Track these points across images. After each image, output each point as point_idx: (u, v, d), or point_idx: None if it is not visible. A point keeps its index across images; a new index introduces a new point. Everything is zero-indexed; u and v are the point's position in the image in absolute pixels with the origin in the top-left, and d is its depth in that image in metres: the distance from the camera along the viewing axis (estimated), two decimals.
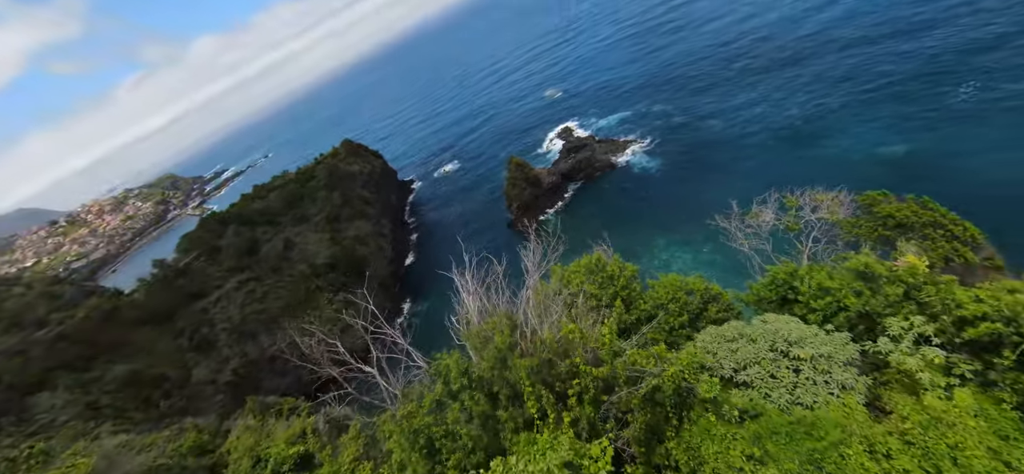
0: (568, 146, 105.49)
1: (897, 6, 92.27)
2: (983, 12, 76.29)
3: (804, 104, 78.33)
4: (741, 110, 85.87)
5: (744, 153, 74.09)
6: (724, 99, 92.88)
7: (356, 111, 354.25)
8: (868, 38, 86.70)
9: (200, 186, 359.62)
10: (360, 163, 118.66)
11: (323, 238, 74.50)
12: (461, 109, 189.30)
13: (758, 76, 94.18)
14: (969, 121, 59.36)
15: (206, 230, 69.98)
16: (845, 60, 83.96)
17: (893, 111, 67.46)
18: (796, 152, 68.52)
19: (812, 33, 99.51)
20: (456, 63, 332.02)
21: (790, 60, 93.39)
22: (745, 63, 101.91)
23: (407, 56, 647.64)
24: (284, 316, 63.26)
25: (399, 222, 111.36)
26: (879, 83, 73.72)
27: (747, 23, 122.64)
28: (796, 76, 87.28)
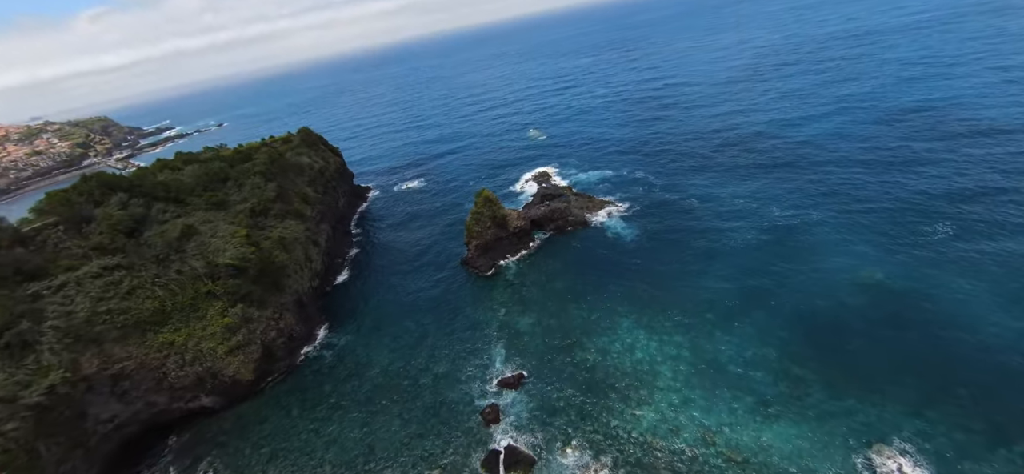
0: (543, 192, 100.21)
1: (884, 137, 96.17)
2: (967, 162, 79.54)
3: (787, 209, 77.18)
4: (723, 199, 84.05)
5: (722, 245, 70.84)
6: (708, 184, 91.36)
7: (328, 104, 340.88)
8: (854, 160, 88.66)
9: (135, 138, 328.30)
10: (313, 156, 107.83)
11: (237, 234, 62.81)
12: (439, 128, 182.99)
13: (744, 170, 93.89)
14: (943, 264, 58.70)
15: (80, 192, 56.76)
16: (831, 175, 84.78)
17: (872, 236, 66.70)
18: (775, 256, 65.72)
19: (802, 141, 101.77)
20: (444, 83, 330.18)
21: (778, 162, 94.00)
22: (733, 154, 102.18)
23: (395, 64, 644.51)
24: (154, 324, 50.68)
25: (342, 231, 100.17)
26: (861, 206, 73.70)
27: (739, 117, 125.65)
28: (782, 179, 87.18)
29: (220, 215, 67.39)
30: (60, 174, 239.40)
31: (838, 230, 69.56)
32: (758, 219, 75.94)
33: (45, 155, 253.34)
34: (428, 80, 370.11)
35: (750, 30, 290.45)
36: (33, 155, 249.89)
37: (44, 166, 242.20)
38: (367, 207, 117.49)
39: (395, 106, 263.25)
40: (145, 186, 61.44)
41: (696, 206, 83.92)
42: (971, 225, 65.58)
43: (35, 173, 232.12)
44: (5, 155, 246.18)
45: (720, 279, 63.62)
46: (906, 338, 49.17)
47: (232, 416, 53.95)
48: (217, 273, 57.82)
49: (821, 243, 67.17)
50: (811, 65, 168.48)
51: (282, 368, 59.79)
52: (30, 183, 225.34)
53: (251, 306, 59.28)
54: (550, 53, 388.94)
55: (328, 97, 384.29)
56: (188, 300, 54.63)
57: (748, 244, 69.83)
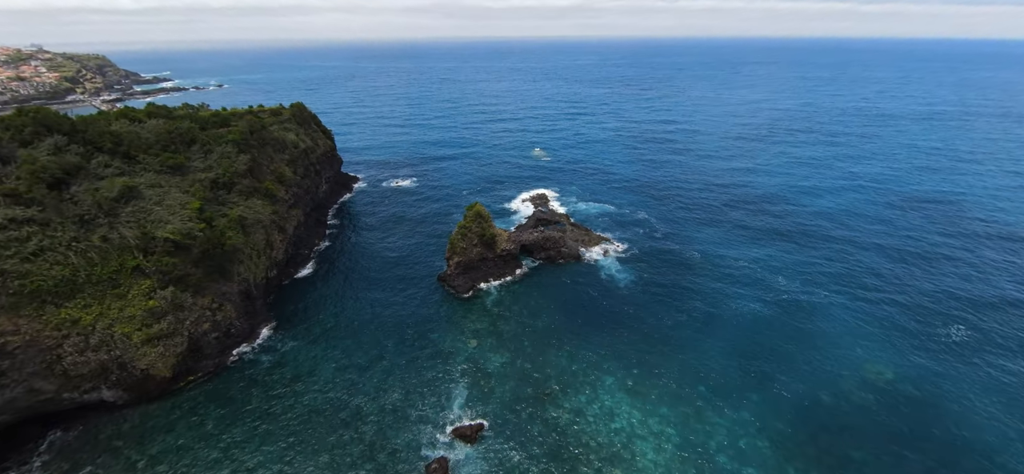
0: (538, 216, 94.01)
1: (900, 222, 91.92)
2: (985, 265, 75.09)
3: (795, 282, 71.72)
4: (728, 260, 78.47)
5: (722, 310, 64.83)
6: (713, 240, 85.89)
7: (336, 86, 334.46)
8: (869, 243, 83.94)
9: (129, 83, 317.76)
10: (300, 134, 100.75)
11: (188, 205, 55.35)
12: (443, 131, 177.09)
13: (752, 232, 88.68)
14: (961, 377, 53.32)
15: (7, 127, 48.71)
16: (843, 255, 79.78)
17: (884, 328, 61.34)
18: (778, 335, 59.77)
19: (814, 212, 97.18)
20: (456, 86, 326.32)
21: (788, 230, 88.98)
22: (741, 214, 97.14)
23: (410, 59, 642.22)
24: (58, 295, 42.74)
25: (316, 220, 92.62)
26: (874, 294, 68.50)
27: (750, 176, 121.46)
28: (791, 249, 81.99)
29: (174, 181, 59.84)
30: (41, 103, 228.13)
31: (848, 316, 64.08)
32: (763, 289, 70.22)
33: (28, 83, 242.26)
34: (441, 80, 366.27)
35: (765, 92, 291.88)
36: (15, 81, 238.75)
37: (24, 94, 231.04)
38: (350, 198, 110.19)
39: (402, 100, 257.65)
40: (90, 133, 53.88)
41: (698, 262, 78.15)
42: (990, 336, 60.54)
43: (12, 99, 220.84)
44: None
45: (717, 350, 57.39)
46: (918, 461, 43.14)
47: (135, 417, 45.75)
48: (152, 247, 50.12)
49: (829, 327, 61.47)
50: (824, 136, 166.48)
51: (209, 367, 51.78)
52: (4, 109, 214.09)
53: (185, 291, 51.49)
54: (567, 77, 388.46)
55: (337, 79, 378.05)
56: (108, 273, 46.75)
57: (750, 315, 63.86)
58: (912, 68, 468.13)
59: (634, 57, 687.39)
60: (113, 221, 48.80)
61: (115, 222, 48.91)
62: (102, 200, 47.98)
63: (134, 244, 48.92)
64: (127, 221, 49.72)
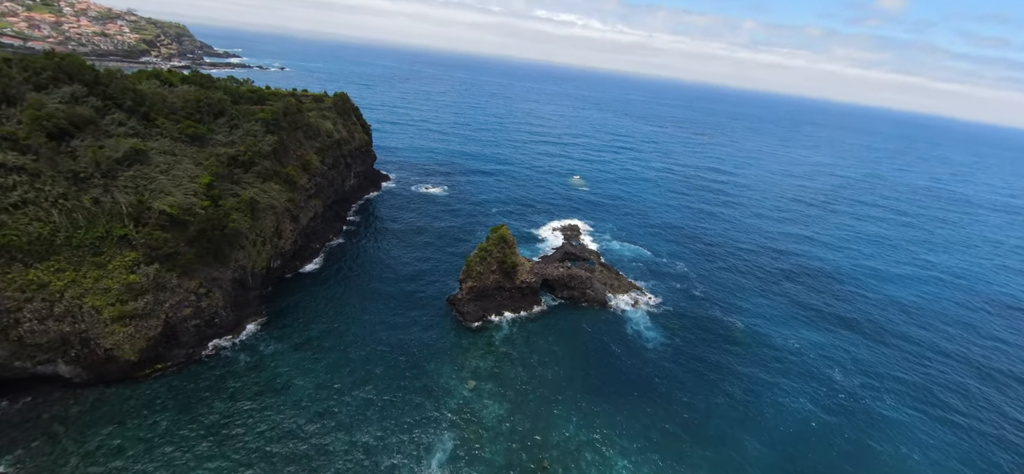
0: (567, 249, 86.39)
1: (987, 330, 78.10)
2: None
3: (855, 381, 60.49)
4: (776, 341, 67.95)
5: (766, 403, 54.64)
6: (760, 313, 75.39)
7: (389, 84, 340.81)
8: (948, 351, 71.07)
9: (201, 54, 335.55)
10: (338, 124, 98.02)
11: (196, 179, 51.64)
12: (484, 144, 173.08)
13: (806, 312, 77.44)
14: None
15: (25, 68, 46.11)
16: (920, 360, 67.52)
17: (967, 464, 49.61)
18: (830, 447, 49.09)
19: (882, 301, 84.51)
20: (504, 102, 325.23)
21: (849, 317, 77.12)
22: (795, 287, 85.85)
23: (465, 70, 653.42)
24: (30, 254, 38.94)
25: (336, 214, 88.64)
26: (959, 419, 56.40)
27: (807, 245, 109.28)
28: (852, 341, 70.39)
29: (190, 151, 56.51)
30: (116, 62, 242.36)
31: (920, 436, 52.57)
32: (817, 383, 59.43)
33: (111, 40, 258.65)
34: (490, 94, 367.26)
35: (826, 155, 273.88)
36: (99, 36, 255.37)
37: (104, 49, 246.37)
38: (377, 197, 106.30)
39: (450, 108, 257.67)
40: (112, 88, 51.34)
41: (741, 335, 68.05)
42: None
43: (93, 53, 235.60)
44: (75, 26, 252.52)
45: (757, 454, 47.47)
46: None
47: (88, 399, 41.05)
48: (146, 217, 46.13)
49: (898, 452, 50.23)
50: (892, 213, 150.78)
51: (180, 357, 46.88)
52: None
53: (172, 270, 47.10)
54: (617, 110, 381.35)
55: (392, 79, 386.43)
56: (91, 238, 42.85)
57: (800, 416, 53.40)
58: (986, 153, 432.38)
59: (687, 100, 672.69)
60: (109, 183, 45.20)
61: (111, 185, 45.30)
62: (102, 159, 44.52)
63: (127, 211, 45.04)
64: (125, 186, 46.05)
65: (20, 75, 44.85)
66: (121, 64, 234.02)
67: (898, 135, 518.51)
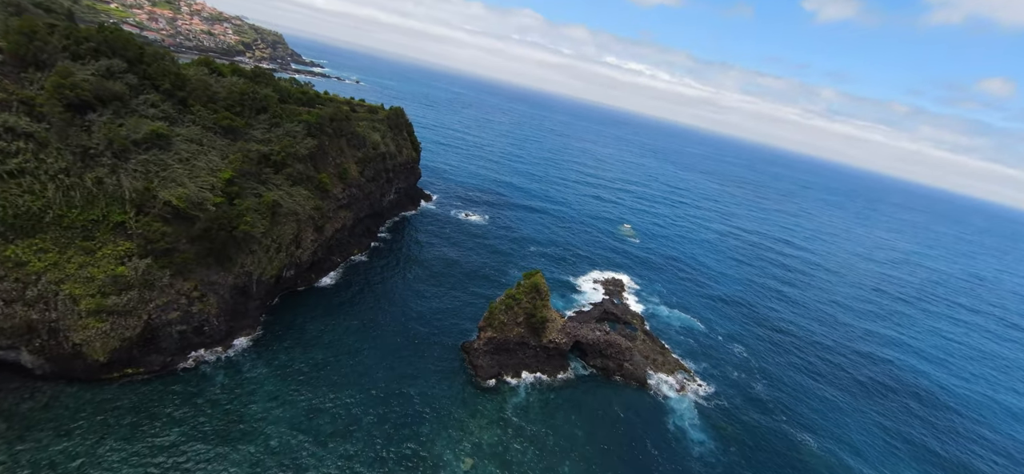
0: (607, 307, 75.77)
1: None
2: None
3: None
4: (857, 457, 53.07)
5: None
6: (839, 429, 60.36)
7: (450, 107, 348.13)
8: None
9: (289, 60, 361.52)
10: (387, 137, 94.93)
11: (217, 172, 47.79)
12: (533, 179, 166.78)
13: (906, 446, 61.05)
14: None
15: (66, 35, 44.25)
16: None
17: None
18: None
19: (1008, 441, 65.86)
20: (560, 140, 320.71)
21: (959, 460, 59.99)
22: (889, 405, 69.22)
23: (526, 104, 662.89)
24: (13, 228, 35.34)
25: (366, 228, 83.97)
26: None
27: (897, 351, 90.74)
28: None
29: (220, 143, 53.26)
30: (212, 56, 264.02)
31: None
32: None
33: (214, 39, 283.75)
34: (548, 130, 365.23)
35: (912, 242, 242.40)
36: (206, 34, 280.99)
37: (207, 45, 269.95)
38: (414, 215, 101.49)
39: (505, 138, 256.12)
40: (152, 69, 49.36)
41: (814, 457, 53.83)
42: None
43: (197, 47, 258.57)
44: (187, 23, 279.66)
45: None
46: None
47: (43, 397, 36.18)
48: (149, 206, 42.05)
49: None
50: (1001, 324, 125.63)
51: (155, 365, 41.53)
52: (184, 52, 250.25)
53: (165, 268, 42.44)
54: (676, 161, 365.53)
55: (455, 103, 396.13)
56: (84, 220, 39.04)
57: None
58: None
59: (752, 160, 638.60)
60: (119, 165, 41.75)
61: (120, 166, 41.83)
62: (116, 138, 41.21)
63: (129, 197, 41.17)
64: (135, 169, 42.47)
65: (60, 42, 43.21)
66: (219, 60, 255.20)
67: (997, 231, 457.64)
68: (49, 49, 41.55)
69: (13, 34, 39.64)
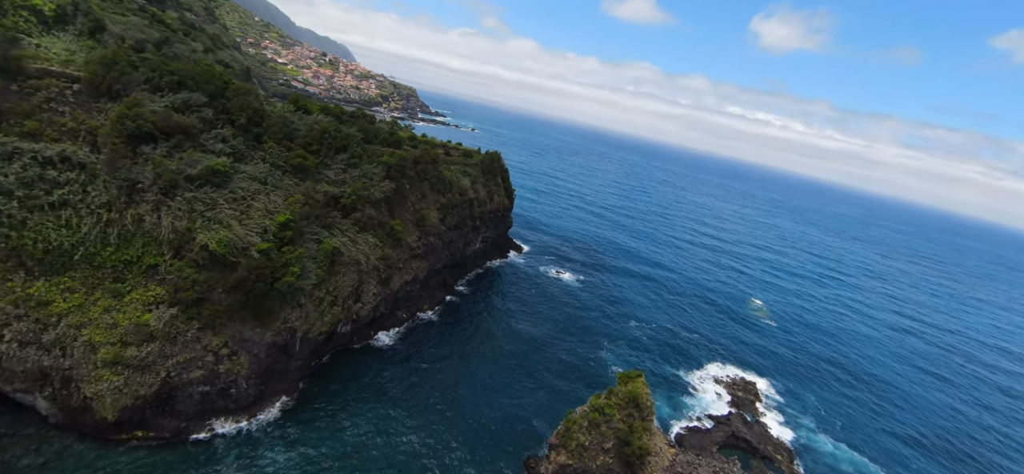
0: (735, 428, 53.94)
1: None
2: None
3: None
4: None
5: None
6: None
7: (556, 154, 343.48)
8: None
9: (417, 110, 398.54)
10: (478, 183, 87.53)
11: (272, 214, 42.35)
12: (639, 236, 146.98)
13: None
14: None
15: (154, 69, 42.85)
16: None
17: None
18: None
19: None
20: (673, 192, 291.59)
21: None
22: None
23: (637, 153, 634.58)
24: (41, 264, 32.10)
25: (443, 281, 75.22)
26: None
27: None
28: None
29: (288, 183, 48.78)
30: (354, 108, 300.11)
31: None
32: None
33: (361, 91, 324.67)
34: (660, 181, 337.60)
35: None
36: (354, 88, 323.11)
37: (354, 97, 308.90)
38: (500, 268, 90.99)
39: (611, 187, 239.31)
40: (231, 104, 47.20)
41: None
42: None
43: (345, 99, 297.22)
44: (342, 80, 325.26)
45: None
46: None
47: (50, 449, 31.56)
48: (186, 249, 37.03)
49: None
50: None
51: (167, 431, 35.00)
52: (334, 104, 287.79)
53: (193, 319, 36.54)
54: (816, 223, 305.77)
55: (562, 151, 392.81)
56: (117, 260, 34.95)
57: None
58: None
59: (923, 227, 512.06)
60: (163, 201, 37.81)
61: (164, 203, 37.84)
62: (169, 173, 37.59)
63: (167, 237, 36.52)
64: (180, 208, 38.22)
65: (145, 74, 42.42)
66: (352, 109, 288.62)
67: None
68: (124, 80, 40.41)
69: (93, 64, 39.13)
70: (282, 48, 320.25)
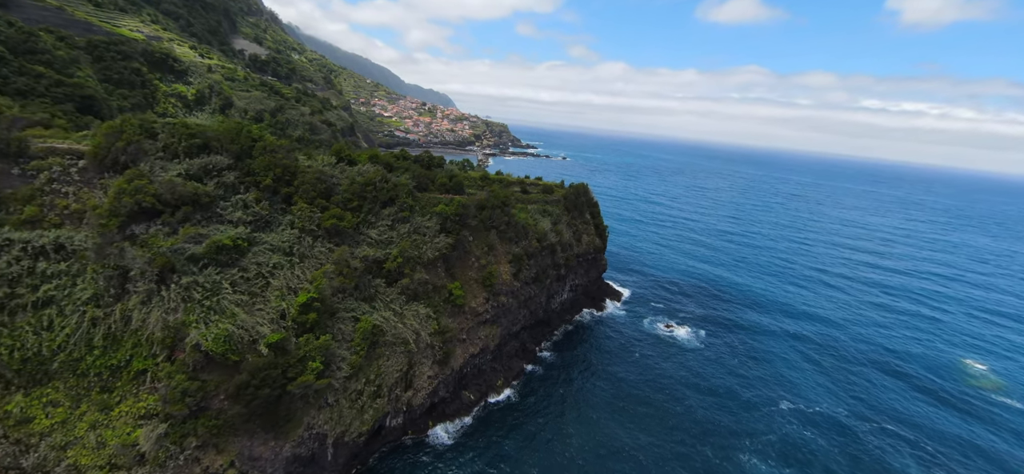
0: None
1: None
2: None
3: None
4: None
5: None
6: None
7: (655, 175, 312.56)
8: None
9: (508, 144, 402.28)
10: (562, 224, 73.67)
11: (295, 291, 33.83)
12: (769, 271, 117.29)
13: None
14: None
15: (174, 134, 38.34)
16: None
17: None
18: None
19: None
20: (808, 208, 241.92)
21: None
22: None
23: (753, 165, 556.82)
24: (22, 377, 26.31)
25: (522, 347, 61.48)
26: None
27: None
28: None
29: (319, 250, 40.43)
30: (450, 148, 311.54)
31: None
32: None
33: (454, 133, 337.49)
34: (786, 195, 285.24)
35: None
36: (449, 131, 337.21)
37: (448, 139, 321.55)
38: (593, 322, 74.62)
39: (726, 209, 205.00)
40: (257, 163, 40.62)
41: None
42: None
43: (442, 142, 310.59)
44: (439, 125, 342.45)
45: None
46: None
47: None
48: (179, 346, 29.35)
49: None
50: None
51: None
52: (432, 147, 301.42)
53: (190, 435, 28.32)
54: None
55: (663, 170, 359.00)
56: (102, 365, 28.34)
57: None
58: None
59: None
60: (156, 291, 30.94)
61: (157, 293, 30.90)
62: (158, 256, 30.78)
63: (159, 336, 29.22)
64: (174, 297, 31.02)
65: (166, 140, 37.60)
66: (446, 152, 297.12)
67: None
68: (132, 150, 35.48)
69: (99, 135, 34.91)
70: (388, 103, 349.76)
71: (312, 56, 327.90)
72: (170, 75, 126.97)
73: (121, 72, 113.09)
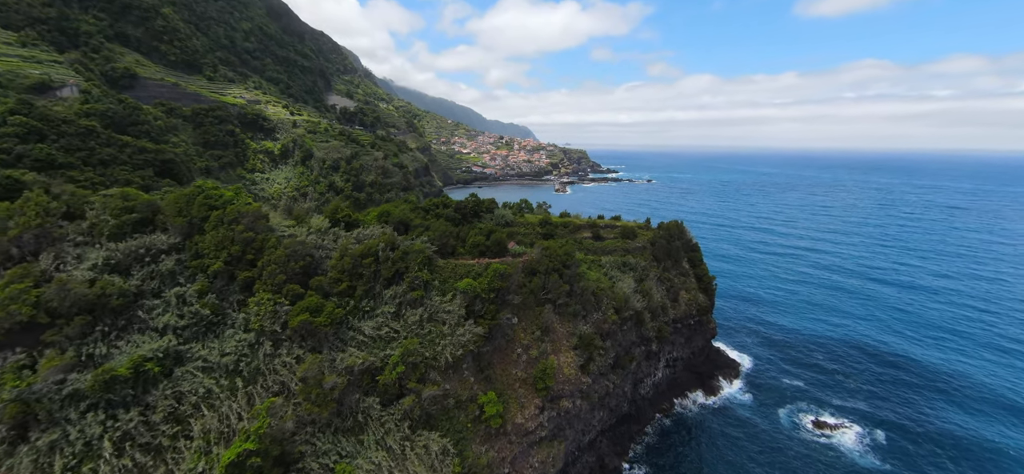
0: None
1: None
2: None
3: None
4: None
5: None
6: None
7: (762, 195, 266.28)
8: None
9: (587, 170, 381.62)
10: (650, 280, 54.13)
11: (229, 440, 20.98)
12: (952, 325, 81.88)
13: None
14: None
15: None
16: None
17: None
18: None
19: None
20: (977, 221, 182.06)
21: None
22: None
23: (889, 173, 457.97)
24: None
25: (597, 463, 42.37)
26: None
27: None
28: None
29: (283, 358, 27.31)
30: (527, 179, 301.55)
31: None
32: None
33: (531, 164, 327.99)
34: (945, 208, 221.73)
35: None
36: (526, 162, 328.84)
37: (525, 170, 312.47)
38: (701, 413, 52.41)
39: (862, 231, 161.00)
40: (208, 239, 29.30)
41: None
42: None
43: (518, 173, 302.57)
44: (515, 156, 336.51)
45: None
46: None
47: None
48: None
49: None
50: None
51: None
52: (509, 179, 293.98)
53: None
54: None
55: (768, 187, 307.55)
56: None
57: None
58: None
59: None
60: (9, 454, 19.50)
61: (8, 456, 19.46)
62: (9, 405, 19.57)
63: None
64: (24, 469, 19.27)
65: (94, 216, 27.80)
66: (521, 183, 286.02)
67: None
68: (26, 239, 25.68)
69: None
70: (467, 140, 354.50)
71: (399, 104, 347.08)
72: (260, 133, 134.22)
73: (217, 134, 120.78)
